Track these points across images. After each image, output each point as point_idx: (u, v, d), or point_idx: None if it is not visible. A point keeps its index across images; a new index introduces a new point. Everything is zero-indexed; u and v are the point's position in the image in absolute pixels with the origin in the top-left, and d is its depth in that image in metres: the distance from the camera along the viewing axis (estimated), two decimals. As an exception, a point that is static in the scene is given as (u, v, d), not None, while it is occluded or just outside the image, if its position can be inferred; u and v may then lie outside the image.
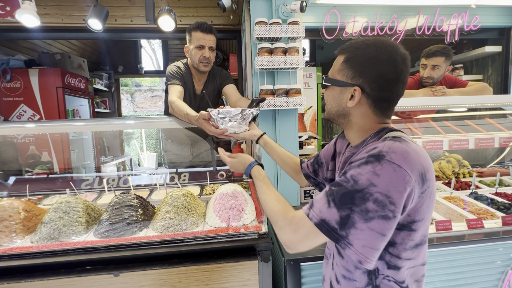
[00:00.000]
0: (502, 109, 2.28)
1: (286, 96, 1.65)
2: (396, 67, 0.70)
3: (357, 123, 0.78)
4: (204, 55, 1.67)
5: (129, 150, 6.95)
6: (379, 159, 0.62)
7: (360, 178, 0.62)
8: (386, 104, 0.75)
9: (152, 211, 1.40)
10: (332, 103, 0.81)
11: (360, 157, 0.66)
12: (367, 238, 0.61)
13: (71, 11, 2.25)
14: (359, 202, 0.61)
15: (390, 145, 0.65)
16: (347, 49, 0.76)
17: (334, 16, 2.29)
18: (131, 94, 11.88)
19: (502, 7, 2.51)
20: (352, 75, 0.73)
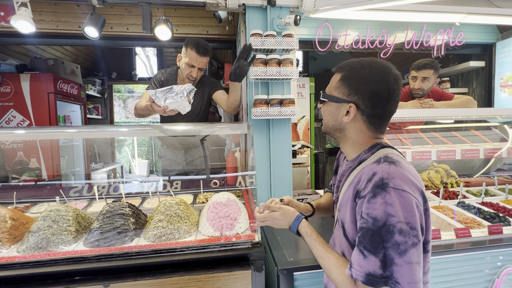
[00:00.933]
0: (487, 121, 2.38)
1: (280, 106, 1.68)
2: (389, 86, 0.75)
3: (352, 138, 0.82)
4: (192, 74, 1.77)
5: (120, 157, 6.84)
6: (384, 188, 0.66)
7: (376, 213, 0.65)
8: (379, 121, 0.80)
9: (144, 219, 1.39)
10: (329, 117, 0.85)
11: (366, 191, 0.69)
12: (409, 274, 0.62)
13: (66, 17, 2.25)
14: (388, 237, 0.63)
15: (388, 170, 0.68)
16: (344, 68, 0.81)
17: (326, 29, 2.37)
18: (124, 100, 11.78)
19: (484, 25, 2.65)
20: (348, 92, 0.78)
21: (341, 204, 0.83)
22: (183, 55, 1.77)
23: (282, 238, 1.47)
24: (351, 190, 0.77)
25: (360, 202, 0.70)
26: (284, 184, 1.83)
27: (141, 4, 1.63)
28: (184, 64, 1.76)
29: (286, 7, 1.72)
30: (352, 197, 0.75)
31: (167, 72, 1.89)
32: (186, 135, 1.91)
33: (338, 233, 0.85)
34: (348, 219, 0.77)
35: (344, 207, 0.80)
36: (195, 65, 1.75)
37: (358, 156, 0.82)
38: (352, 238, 0.76)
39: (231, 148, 2.59)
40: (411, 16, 1.92)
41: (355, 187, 0.75)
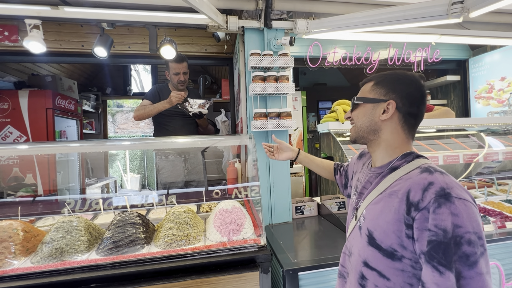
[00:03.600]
0: (465, 130, 2.59)
1: (278, 119, 1.81)
2: (421, 88, 0.80)
3: (387, 140, 0.82)
4: (180, 79, 2.25)
5: (113, 171, 6.75)
6: (448, 197, 0.63)
7: (445, 224, 0.62)
8: (414, 121, 0.81)
9: (153, 228, 1.45)
10: (364, 118, 0.85)
11: (426, 201, 0.66)
12: (481, 285, 0.59)
13: (70, 37, 2.34)
14: (456, 249, 0.60)
15: (444, 179, 0.68)
16: (374, 77, 0.86)
17: (316, 47, 2.57)
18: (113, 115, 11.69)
19: (458, 44, 2.94)
20: (385, 92, 0.81)
21: (369, 211, 0.80)
22: (168, 70, 2.28)
23: (284, 243, 1.55)
24: (397, 202, 0.72)
25: (422, 215, 0.65)
26: (283, 193, 1.93)
27: (148, 27, 1.75)
28: (171, 76, 2.26)
29: (281, 29, 1.89)
30: (398, 208, 0.71)
31: (160, 86, 2.35)
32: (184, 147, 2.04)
33: (359, 241, 0.82)
34: (386, 228, 0.73)
35: (375, 216, 0.77)
36: (179, 71, 2.22)
37: (390, 162, 0.81)
38: (389, 246, 0.72)
39: (229, 159, 2.67)
40: (391, 37, 2.13)
41: (403, 198, 0.70)
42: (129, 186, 6.66)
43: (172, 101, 2.01)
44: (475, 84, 3.02)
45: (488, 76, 2.87)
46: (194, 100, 2.04)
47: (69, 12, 1.70)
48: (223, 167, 2.85)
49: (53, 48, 2.30)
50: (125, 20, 1.68)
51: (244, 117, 1.96)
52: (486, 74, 2.90)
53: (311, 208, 2.05)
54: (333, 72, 5.36)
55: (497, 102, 2.80)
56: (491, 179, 2.35)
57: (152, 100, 2.23)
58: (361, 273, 0.79)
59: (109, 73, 4.74)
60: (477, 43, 2.27)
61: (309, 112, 4.92)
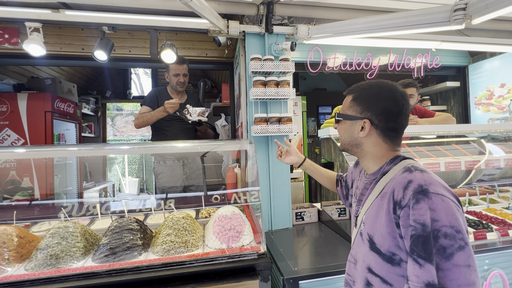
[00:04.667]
0: (465, 136, 2.59)
1: (279, 124, 1.80)
2: (398, 101, 0.81)
3: (370, 152, 0.86)
4: (179, 80, 2.22)
5: (111, 175, 6.71)
6: (426, 193, 0.66)
7: (424, 219, 0.64)
8: (394, 133, 0.83)
9: (150, 234, 1.42)
10: (345, 134, 0.89)
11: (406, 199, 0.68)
12: (458, 276, 0.60)
13: (70, 40, 2.34)
14: (434, 243, 0.62)
15: (422, 177, 0.70)
16: (354, 90, 0.88)
17: (317, 52, 2.57)
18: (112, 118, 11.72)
19: (457, 50, 2.95)
20: (360, 110, 0.84)
21: (368, 217, 0.82)
22: (168, 72, 2.25)
23: (284, 250, 1.53)
24: (386, 202, 0.75)
25: (404, 212, 0.68)
26: (283, 198, 1.91)
27: (149, 31, 1.75)
28: (171, 77, 2.23)
29: (282, 34, 1.89)
30: (388, 208, 0.73)
31: (158, 90, 2.31)
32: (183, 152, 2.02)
33: (362, 247, 0.82)
34: (382, 231, 0.74)
35: (372, 220, 0.79)
36: (179, 73, 2.20)
37: (380, 168, 0.84)
38: (387, 250, 0.73)
39: (228, 164, 2.65)
40: (392, 43, 2.13)
41: (390, 199, 0.73)
42: (128, 190, 6.62)
43: (167, 110, 1.99)
44: (475, 90, 3.03)
45: (488, 82, 2.88)
46: (194, 108, 2.01)
47: (70, 15, 1.70)
48: (222, 172, 2.82)
49: (53, 51, 2.30)
50: (126, 24, 1.68)
51: (244, 122, 1.95)
52: (486, 81, 2.90)
53: (311, 214, 2.02)
54: (333, 78, 5.37)
55: (497, 109, 2.80)
56: (492, 186, 2.34)
57: (150, 106, 2.21)
58: (366, 279, 0.80)
59: (109, 76, 4.74)
60: (477, 49, 2.28)
61: (309, 117, 4.92)
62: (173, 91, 2.31)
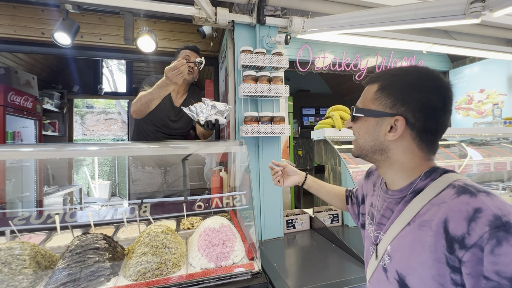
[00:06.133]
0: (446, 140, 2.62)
1: (271, 124, 1.64)
2: (443, 94, 0.62)
3: (399, 161, 0.66)
4: (189, 65, 1.66)
5: (78, 178, 6.14)
6: (507, 229, 0.48)
7: (509, 269, 0.46)
8: (433, 137, 0.64)
9: (122, 253, 1.19)
10: (366, 136, 0.69)
11: (475, 236, 0.50)
12: None
13: (27, 22, 2.01)
14: None
15: (493, 203, 0.51)
16: (381, 77, 0.67)
17: (306, 51, 2.45)
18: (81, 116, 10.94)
19: (439, 55, 3.01)
20: (391, 103, 0.63)
21: (397, 249, 0.63)
22: (177, 57, 1.80)
23: (278, 264, 1.37)
24: (431, 236, 0.56)
25: (472, 255, 0.49)
26: (274, 205, 1.75)
27: (123, 13, 1.51)
28: None
29: (275, 26, 1.74)
30: (435, 244, 0.55)
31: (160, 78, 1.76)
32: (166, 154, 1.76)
33: (386, 287, 0.66)
34: (422, 272, 0.57)
35: (405, 255, 0.61)
36: (190, 57, 1.78)
37: (412, 183, 0.65)
38: None
39: (211, 167, 2.45)
40: (384, 42, 2.08)
41: (440, 232, 0.54)
42: (97, 194, 6.09)
43: (172, 80, 1.35)
44: (455, 95, 3.09)
45: (468, 87, 2.96)
46: (214, 102, 1.34)
47: (25, -11, 1.42)
48: (204, 175, 2.61)
49: (5, 34, 1.95)
50: (94, 3, 1.42)
51: (232, 121, 1.77)
52: (465, 86, 2.98)
53: (303, 221, 1.89)
54: (317, 79, 5.36)
55: (476, 113, 2.88)
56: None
57: None
58: None
59: (77, 69, 4.30)
60: (466, 54, 2.31)
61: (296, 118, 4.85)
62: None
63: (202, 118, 1.32)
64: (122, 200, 6.61)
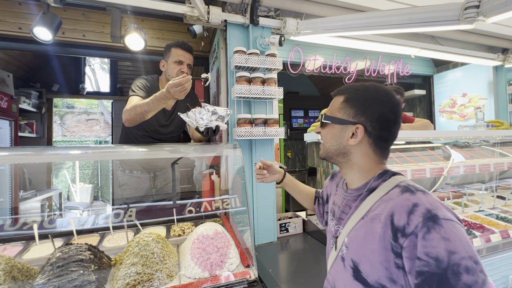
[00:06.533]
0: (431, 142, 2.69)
1: (265, 126, 1.61)
2: (395, 108, 0.73)
3: (358, 163, 0.77)
4: (182, 70, 1.60)
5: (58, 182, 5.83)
6: (435, 220, 0.57)
7: (437, 252, 0.54)
8: (385, 144, 0.75)
9: (108, 263, 1.11)
10: (332, 141, 0.79)
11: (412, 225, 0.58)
12: None
13: (2, 16, 1.87)
14: (455, 281, 0.52)
15: (427, 199, 0.61)
16: (347, 90, 0.78)
17: (297, 53, 2.45)
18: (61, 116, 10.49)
19: (424, 60, 3.10)
20: (354, 113, 0.74)
21: (352, 240, 0.72)
22: (168, 58, 1.63)
23: (274, 271, 1.33)
24: (380, 227, 0.64)
25: (410, 241, 0.58)
26: (268, 209, 1.72)
27: (110, 9, 1.43)
28: (171, 64, 1.61)
29: (268, 27, 1.72)
30: (383, 234, 0.63)
31: (150, 79, 1.66)
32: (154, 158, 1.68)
33: (343, 275, 0.73)
34: (372, 259, 0.65)
35: (359, 245, 0.69)
36: (183, 61, 1.62)
37: (367, 183, 0.75)
38: (376, 281, 0.64)
39: (201, 170, 2.38)
40: (374, 46, 2.10)
41: (388, 223, 0.63)
42: (78, 198, 5.81)
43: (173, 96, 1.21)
44: (439, 98, 3.21)
45: (451, 92, 3.07)
46: (214, 107, 1.24)
47: (0, -20, 1.31)
48: (194, 179, 2.53)
49: (-23, 28, 1.81)
50: (79, -3, 1.34)
51: (224, 123, 1.72)
52: (449, 90, 3.10)
53: (296, 225, 1.87)
54: (305, 81, 5.40)
55: (459, 116, 2.99)
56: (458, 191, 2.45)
57: (145, 96, 1.55)
58: None
59: (58, 66, 4.08)
60: (453, 59, 2.38)
61: (285, 120, 4.85)
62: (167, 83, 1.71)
63: (202, 125, 1.23)
64: (106, 204, 6.35)
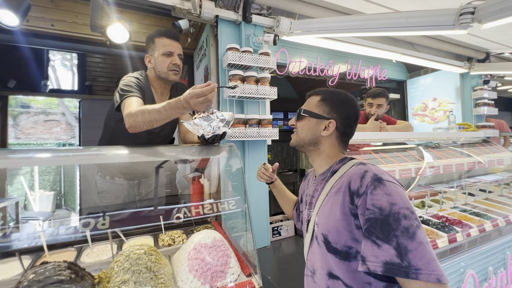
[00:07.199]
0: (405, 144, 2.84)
1: (258, 127, 1.56)
2: (357, 112, 0.92)
3: (325, 151, 0.92)
4: (174, 62, 1.36)
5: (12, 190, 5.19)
6: (380, 180, 0.71)
7: (381, 203, 0.68)
8: (347, 138, 0.93)
9: (92, 283, 0.97)
10: (307, 132, 0.92)
11: (364, 186, 0.72)
12: (425, 253, 0.62)
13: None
14: (396, 225, 0.65)
15: (375, 168, 0.76)
16: (322, 92, 0.94)
17: (283, 54, 2.44)
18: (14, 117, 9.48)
19: (400, 65, 3.28)
20: (328, 110, 0.90)
21: (321, 216, 0.83)
22: (153, 51, 1.38)
23: (273, 277, 1.28)
24: (341, 195, 0.77)
25: (362, 200, 0.71)
26: (261, 212, 1.67)
27: (89, -5, 1.28)
28: (160, 58, 1.35)
29: (260, 25, 1.67)
30: (343, 201, 0.76)
31: (140, 78, 1.40)
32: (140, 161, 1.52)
33: (318, 253, 0.82)
34: (337, 226, 0.75)
35: (326, 218, 0.80)
36: (173, 51, 1.36)
37: (330, 167, 0.90)
38: (343, 245, 0.74)
39: (185, 173, 2.25)
40: (359, 49, 2.15)
41: (346, 190, 0.76)
42: (38, 207, 5.22)
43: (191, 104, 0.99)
44: (412, 102, 3.42)
45: (423, 96, 3.28)
46: (222, 113, 1.13)
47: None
48: (177, 183, 2.39)
49: None
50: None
51: (215, 124, 1.63)
52: (421, 95, 3.31)
53: (288, 228, 1.83)
54: (284, 84, 5.44)
55: (430, 119, 3.21)
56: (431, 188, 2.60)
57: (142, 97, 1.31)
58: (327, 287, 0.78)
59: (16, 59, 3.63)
60: (427, 65, 2.53)
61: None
62: (158, 80, 1.42)
63: (209, 132, 1.12)
64: (70, 213, 5.79)
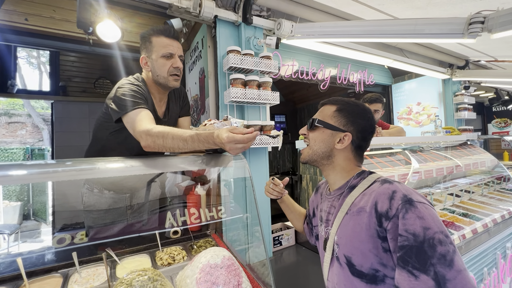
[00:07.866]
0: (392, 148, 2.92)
1: (261, 133, 1.49)
2: (373, 124, 0.87)
3: (340, 165, 0.86)
4: (175, 66, 1.20)
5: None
6: (411, 202, 0.66)
7: (414, 228, 0.62)
8: (361, 152, 0.87)
9: (87, 317, 0.84)
10: (321, 144, 0.86)
11: (394, 209, 0.66)
12: (465, 282, 0.58)
13: None
14: (432, 252, 0.60)
15: (403, 188, 0.70)
16: (338, 102, 0.88)
17: (276, 57, 2.40)
18: (-28, 119, 8.65)
19: (385, 70, 3.38)
20: (345, 122, 0.84)
21: (341, 236, 0.77)
22: (150, 52, 1.21)
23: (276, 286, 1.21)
24: (366, 217, 0.71)
25: (393, 223, 0.66)
26: (263, 223, 1.59)
27: (76, -12, 1.14)
28: (158, 60, 1.19)
29: (261, 28, 1.61)
30: (368, 223, 0.70)
31: (141, 86, 1.21)
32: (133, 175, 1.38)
33: (342, 274, 0.76)
34: (362, 248, 0.70)
35: (348, 239, 0.74)
36: (174, 53, 1.20)
37: (347, 182, 0.84)
38: (370, 268, 0.69)
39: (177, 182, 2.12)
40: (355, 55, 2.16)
41: (372, 212, 0.70)
42: (2, 219, 4.73)
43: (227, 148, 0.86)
44: (397, 106, 3.53)
45: (407, 100, 3.40)
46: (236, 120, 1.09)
47: None
48: (167, 192, 2.25)
49: None
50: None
51: (214, 130, 1.54)
52: (405, 99, 3.43)
53: (289, 237, 1.78)
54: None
55: (415, 123, 3.33)
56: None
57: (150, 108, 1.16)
58: None
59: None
60: (415, 71, 2.61)
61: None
62: (156, 85, 1.26)
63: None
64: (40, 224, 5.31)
